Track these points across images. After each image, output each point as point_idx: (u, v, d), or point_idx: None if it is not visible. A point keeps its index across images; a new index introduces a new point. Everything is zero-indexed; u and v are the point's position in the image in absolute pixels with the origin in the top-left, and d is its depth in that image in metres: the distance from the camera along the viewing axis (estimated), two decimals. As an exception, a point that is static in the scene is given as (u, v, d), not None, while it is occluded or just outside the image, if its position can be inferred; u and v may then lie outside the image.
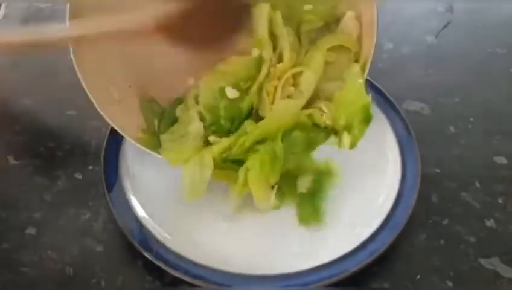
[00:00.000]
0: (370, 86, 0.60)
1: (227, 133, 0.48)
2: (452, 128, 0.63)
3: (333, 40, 0.50)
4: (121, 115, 0.49)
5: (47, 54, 0.65)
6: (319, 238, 0.51)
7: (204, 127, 0.48)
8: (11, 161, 0.58)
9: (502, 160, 0.60)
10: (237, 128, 0.48)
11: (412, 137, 0.57)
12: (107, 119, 0.48)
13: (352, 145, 0.47)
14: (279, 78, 0.48)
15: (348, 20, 0.50)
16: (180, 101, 0.52)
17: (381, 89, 0.61)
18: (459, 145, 0.61)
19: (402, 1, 0.78)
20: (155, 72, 0.52)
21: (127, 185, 0.53)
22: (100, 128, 0.60)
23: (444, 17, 0.77)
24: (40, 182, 0.56)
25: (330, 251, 0.49)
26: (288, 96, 0.49)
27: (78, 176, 0.57)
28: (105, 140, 0.55)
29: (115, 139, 0.56)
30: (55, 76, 0.66)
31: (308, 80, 0.49)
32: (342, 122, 0.47)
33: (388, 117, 0.59)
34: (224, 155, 0.47)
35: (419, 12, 0.77)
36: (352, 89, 0.48)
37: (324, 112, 0.48)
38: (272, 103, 0.48)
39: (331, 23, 0.51)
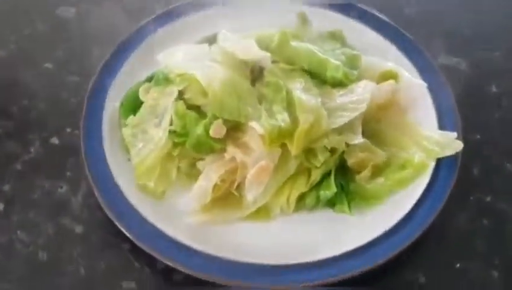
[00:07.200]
0: (399, 36, 0.56)
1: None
2: (494, 87, 0.58)
3: None
4: None
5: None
6: (343, 221, 0.45)
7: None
8: (-23, 122, 0.53)
9: (552, 122, 0.55)
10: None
11: (450, 97, 0.50)
12: None
13: None
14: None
15: None
16: (149, 79, 0.50)
17: (413, 40, 0.55)
18: (501, 107, 0.56)
19: None
20: None
21: (111, 152, 0.46)
22: (81, 85, 0.55)
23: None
24: (10, 149, 0.51)
25: (356, 237, 0.43)
26: None
27: (55, 141, 0.52)
28: (86, 98, 0.50)
29: (98, 97, 0.50)
30: (32, 23, 0.61)
31: None
32: None
33: (421, 72, 0.52)
34: None
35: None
36: None
37: None
38: None
39: None
